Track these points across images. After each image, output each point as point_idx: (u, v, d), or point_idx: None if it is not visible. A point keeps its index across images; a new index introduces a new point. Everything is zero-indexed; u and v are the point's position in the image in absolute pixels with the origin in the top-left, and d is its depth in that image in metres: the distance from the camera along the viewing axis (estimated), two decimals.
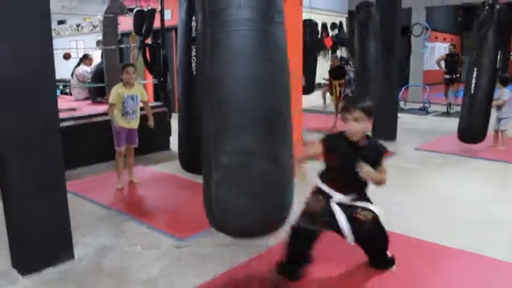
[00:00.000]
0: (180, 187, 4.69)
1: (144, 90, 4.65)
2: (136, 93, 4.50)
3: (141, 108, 4.71)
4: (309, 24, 9.70)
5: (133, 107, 4.50)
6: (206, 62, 2.06)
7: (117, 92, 4.42)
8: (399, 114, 8.02)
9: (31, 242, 2.89)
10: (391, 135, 7.13)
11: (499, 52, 5.84)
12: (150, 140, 5.50)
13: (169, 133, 6.47)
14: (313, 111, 10.17)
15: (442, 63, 10.76)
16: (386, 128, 7.12)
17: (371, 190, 2.65)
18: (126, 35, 9.31)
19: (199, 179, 4.55)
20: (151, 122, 4.69)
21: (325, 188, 2.58)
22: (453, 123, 8.81)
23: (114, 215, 3.91)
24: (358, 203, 2.56)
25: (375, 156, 2.54)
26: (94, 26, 12.64)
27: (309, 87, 9.43)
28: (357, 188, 2.58)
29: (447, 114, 10.03)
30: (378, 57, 6.46)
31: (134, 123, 4.57)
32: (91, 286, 2.76)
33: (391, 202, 4.16)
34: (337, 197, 2.54)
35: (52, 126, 2.91)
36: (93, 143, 5.47)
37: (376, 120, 7.80)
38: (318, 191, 2.62)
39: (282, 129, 2.13)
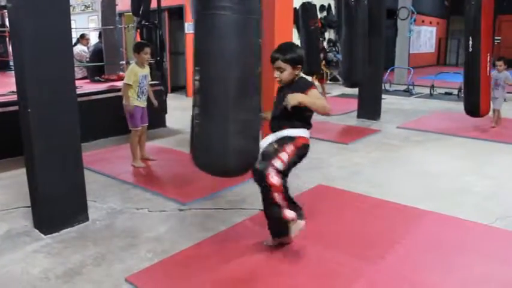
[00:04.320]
0: (178, 159, 5.05)
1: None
2: (147, 72, 4.64)
3: None
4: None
5: (146, 86, 4.64)
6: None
7: (134, 71, 4.46)
8: (384, 95, 8.43)
9: (52, 205, 3.23)
10: (376, 115, 7.55)
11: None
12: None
13: (165, 111, 6.79)
14: None
15: None
16: (371, 108, 7.55)
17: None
18: (119, 15, 9.54)
19: None
20: (155, 101, 4.94)
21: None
22: (435, 104, 9.30)
23: (119, 184, 4.26)
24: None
25: (301, 90, 2.66)
26: (86, 6, 12.74)
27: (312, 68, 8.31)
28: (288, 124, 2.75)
29: (430, 96, 10.44)
30: (365, 40, 6.69)
31: (145, 102, 4.72)
32: (106, 242, 3.11)
33: (374, 172, 4.59)
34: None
35: (71, 103, 3.23)
36: (97, 119, 5.76)
37: (361, 101, 8.14)
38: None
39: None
